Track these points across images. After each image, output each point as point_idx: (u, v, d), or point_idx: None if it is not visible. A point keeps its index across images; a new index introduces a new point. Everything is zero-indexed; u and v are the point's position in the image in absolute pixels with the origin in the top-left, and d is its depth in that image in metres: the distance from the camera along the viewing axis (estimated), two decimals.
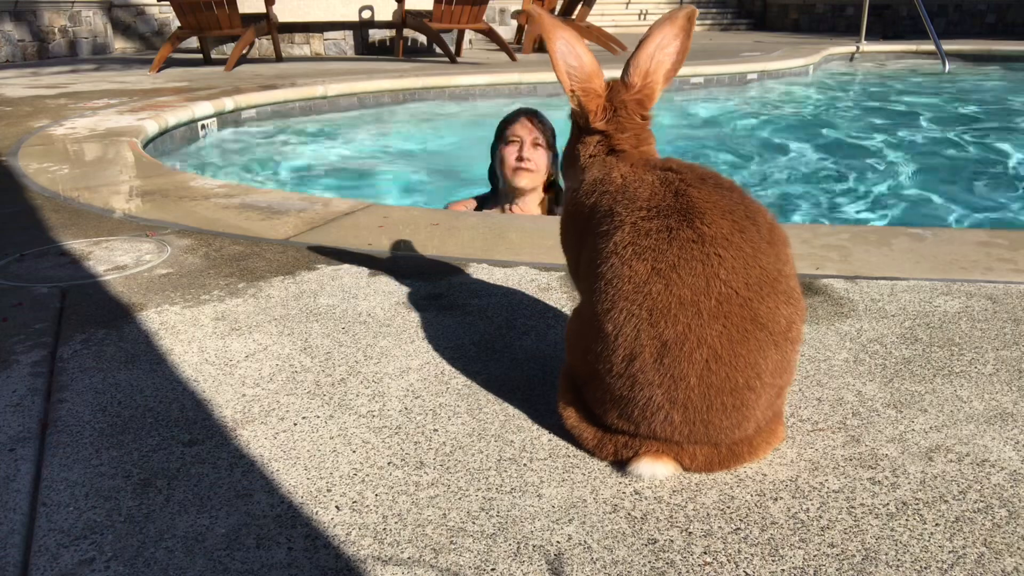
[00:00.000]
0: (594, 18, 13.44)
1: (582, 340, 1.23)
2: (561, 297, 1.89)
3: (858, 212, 4.13)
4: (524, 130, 3.01)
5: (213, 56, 10.13)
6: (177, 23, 9.26)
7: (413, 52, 11.66)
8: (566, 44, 1.33)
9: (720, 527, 1.06)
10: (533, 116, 3.08)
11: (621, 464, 1.19)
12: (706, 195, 1.17)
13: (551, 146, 3.09)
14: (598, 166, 1.35)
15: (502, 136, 3.08)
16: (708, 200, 1.16)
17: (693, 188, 1.18)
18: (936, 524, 1.06)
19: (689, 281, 1.10)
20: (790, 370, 1.17)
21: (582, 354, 1.23)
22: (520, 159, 2.98)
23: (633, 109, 1.36)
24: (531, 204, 3.11)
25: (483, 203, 3.24)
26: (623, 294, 1.14)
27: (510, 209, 3.12)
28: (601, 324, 1.16)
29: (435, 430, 1.31)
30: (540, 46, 11.86)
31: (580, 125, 1.42)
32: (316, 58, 10.95)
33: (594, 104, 1.36)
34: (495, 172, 3.15)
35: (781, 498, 1.12)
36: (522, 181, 3.00)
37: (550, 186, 3.17)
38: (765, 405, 1.15)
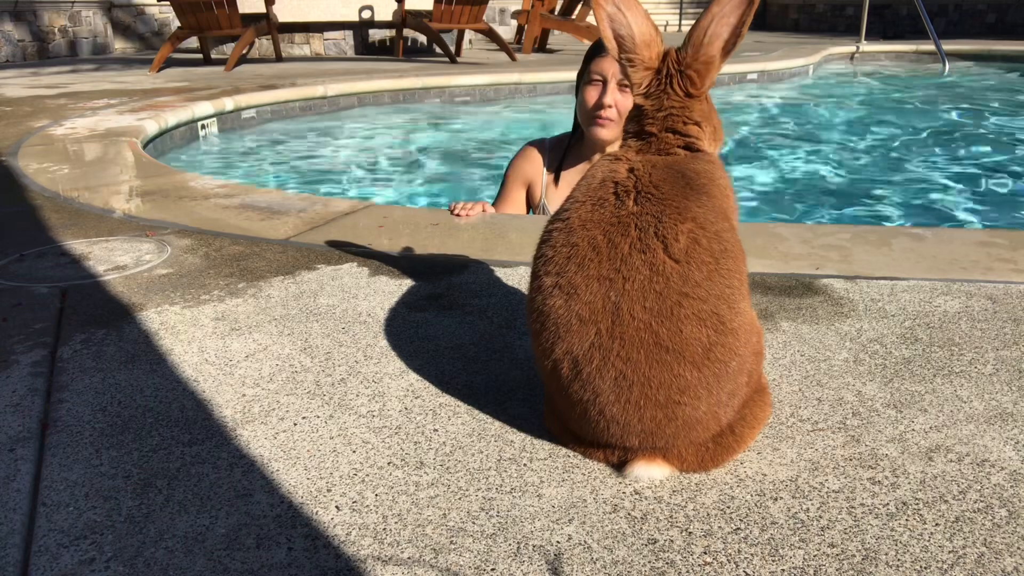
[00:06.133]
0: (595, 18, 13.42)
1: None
2: None
3: (858, 212, 4.13)
4: (611, 66, 2.40)
5: (213, 56, 10.14)
6: (177, 23, 9.27)
7: (413, 52, 11.67)
8: (616, 8, 1.23)
9: (720, 527, 1.06)
10: None
11: (618, 467, 1.19)
12: (623, 210, 1.13)
13: None
14: (614, 151, 1.27)
15: (586, 71, 2.48)
16: (618, 213, 1.13)
17: (619, 199, 1.14)
18: (936, 524, 1.06)
19: (587, 299, 1.10)
20: (727, 378, 1.11)
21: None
22: (599, 106, 2.43)
23: (680, 84, 1.24)
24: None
25: (558, 145, 2.70)
26: (535, 305, 1.16)
27: (591, 161, 2.55)
28: (531, 330, 1.19)
29: (435, 430, 1.31)
30: (540, 46, 11.87)
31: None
32: (316, 58, 10.95)
33: (639, 76, 1.26)
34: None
35: (781, 498, 1.12)
36: (600, 133, 2.47)
37: None
38: (712, 406, 1.10)
